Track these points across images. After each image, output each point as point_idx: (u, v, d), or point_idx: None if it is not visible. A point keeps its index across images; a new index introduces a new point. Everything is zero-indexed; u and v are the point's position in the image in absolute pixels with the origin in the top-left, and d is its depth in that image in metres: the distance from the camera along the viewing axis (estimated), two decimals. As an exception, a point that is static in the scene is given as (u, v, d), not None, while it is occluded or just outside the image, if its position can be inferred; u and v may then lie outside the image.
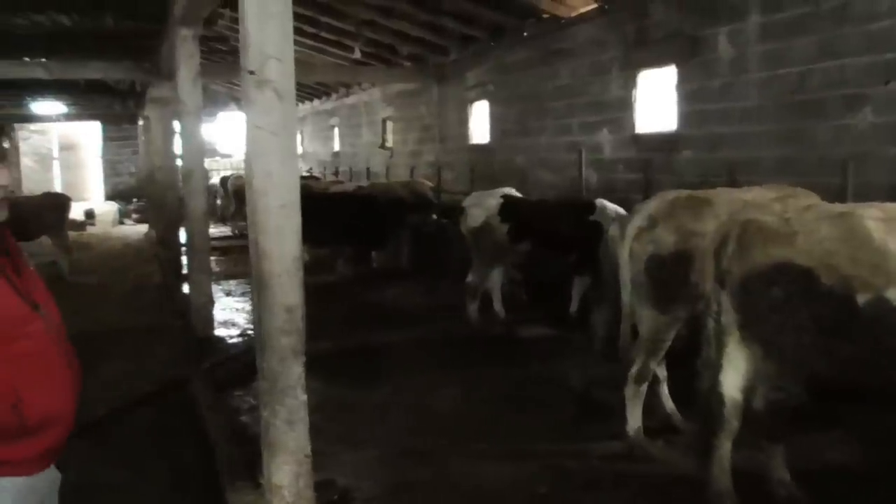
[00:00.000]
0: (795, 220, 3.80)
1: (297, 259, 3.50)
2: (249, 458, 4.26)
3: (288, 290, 3.49)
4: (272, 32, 3.32)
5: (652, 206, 4.69)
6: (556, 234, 7.48)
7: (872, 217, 3.74)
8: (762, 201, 4.45)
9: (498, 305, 8.15)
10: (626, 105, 9.79)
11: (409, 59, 15.76)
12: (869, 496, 4.07)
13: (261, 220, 3.43)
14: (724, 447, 3.93)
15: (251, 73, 3.28)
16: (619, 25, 9.80)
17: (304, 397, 3.60)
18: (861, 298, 3.57)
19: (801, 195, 4.79)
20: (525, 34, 11.92)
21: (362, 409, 5.54)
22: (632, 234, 4.65)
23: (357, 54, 14.87)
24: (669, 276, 4.51)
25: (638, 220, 4.65)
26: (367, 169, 19.07)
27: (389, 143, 18.62)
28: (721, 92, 8.24)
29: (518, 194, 8.34)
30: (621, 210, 7.19)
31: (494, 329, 7.83)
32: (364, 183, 15.37)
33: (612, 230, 4.99)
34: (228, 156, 28.24)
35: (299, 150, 6.79)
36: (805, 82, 7.22)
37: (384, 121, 18.94)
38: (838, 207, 4.05)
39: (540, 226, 7.57)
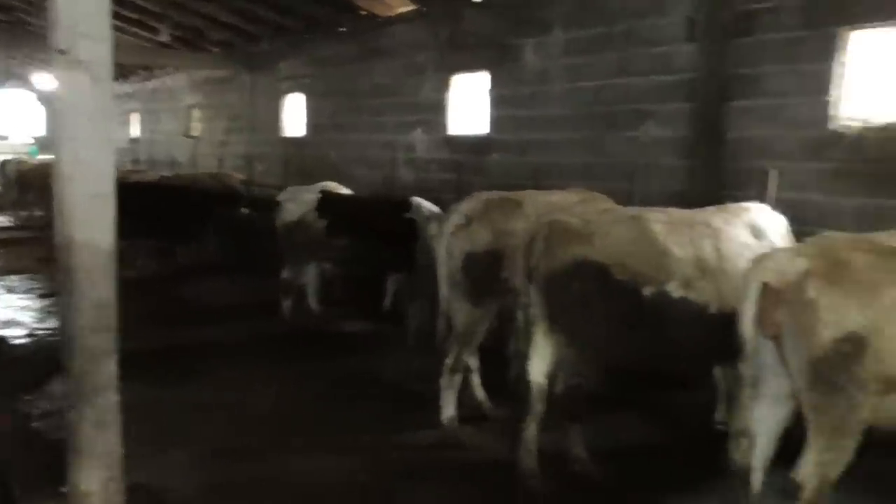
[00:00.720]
0: (594, 221, 4.21)
1: (111, 253, 3.31)
2: (45, 466, 3.95)
3: (100, 285, 3.29)
4: (86, 9, 3.11)
5: (468, 206, 4.95)
6: (372, 230, 7.57)
7: (658, 220, 4.25)
8: (566, 204, 4.86)
9: (313, 301, 8.12)
10: (439, 107, 10.15)
11: (217, 46, 15.16)
12: (659, 469, 4.56)
13: (69, 209, 3.21)
14: (531, 429, 4.26)
15: (61, 52, 3.05)
16: (436, 28, 10.12)
17: (116, 398, 3.41)
18: (647, 291, 4.05)
19: (599, 199, 5.30)
20: (342, 29, 11.94)
21: (176, 408, 5.31)
22: (449, 231, 4.88)
23: (165, 37, 14.05)
24: (483, 271, 4.78)
25: (455, 219, 4.90)
26: (172, 158, 18.10)
27: (195, 132, 17.78)
28: (529, 100, 8.80)
29: (344, 189, 8.36)
30: (436, 208, 7.44)
31: (310, 325, 7.80)
32: (167, 172, 14.55)
33: (432, 228, 5.20)
34: (4, 138, 25.51)
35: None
36: (601, 96, 7.92)
37: (189, 108, 18.06)
38: (630, 211, 4.54)
39: (357, 222, 7.63)
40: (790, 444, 3.41)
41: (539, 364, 4.24)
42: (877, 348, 3.05)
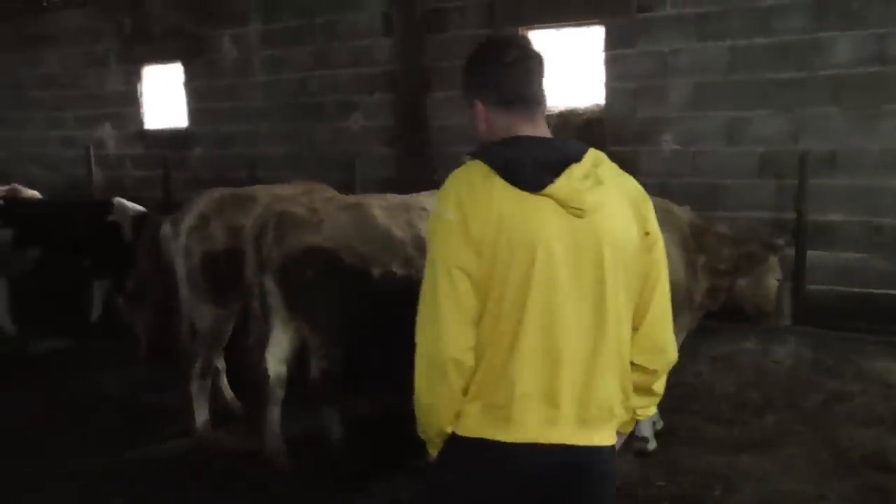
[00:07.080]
0: (320, 210, 4.39)
1: None
2: None
3: None
4: None
5: (202, 204, 4.78)
6: (70, 237, 6.93)
7: (377, 206, 4.57)
8: (293, 195, 4.96)
9: (5, 321, 7.20)
10: (130, 100, 9.54)
11: None
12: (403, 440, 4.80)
13: None
14: (274, 414, 4.34)
15: None
16: (115, 16, 9.46)
17: None
18: (375, 272, 4.35)
19: (323, 189, 5.47)
20: (-5, 12, 10.57)
21: None
22: (185, 232, 4.71)
23: None
24: (224, 271, 4.67)
25: (190, 219, 4.73)
26: None
27: None
28: (229, 91, 8.67)
29: (32, 192, 7.45)
30: (140, 208, 7.07)
31: (5, 347, 6.93)
32: None
33: (165, 229, 4.92)
34: None
35: None
36: (305, 87, 8.11)
37: None
38: (351, 199, 4.79)
39: (51, 229, 6.94)
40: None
41: (277, 352, 4.32)
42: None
